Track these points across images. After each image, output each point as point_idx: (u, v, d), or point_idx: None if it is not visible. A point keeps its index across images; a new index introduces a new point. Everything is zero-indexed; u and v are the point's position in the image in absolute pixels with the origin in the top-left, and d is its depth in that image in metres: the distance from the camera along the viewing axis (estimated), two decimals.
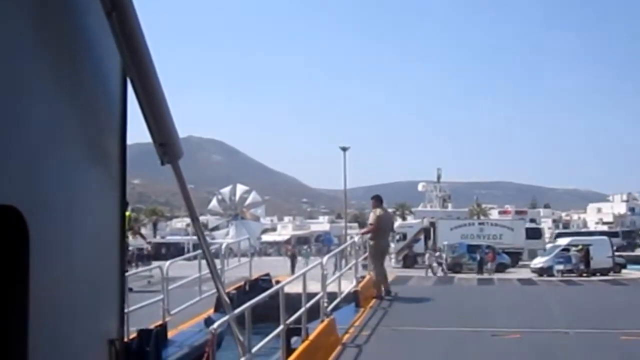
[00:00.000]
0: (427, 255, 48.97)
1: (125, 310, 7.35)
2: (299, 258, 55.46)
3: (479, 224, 67.58)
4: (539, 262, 50.13)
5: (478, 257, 50.36)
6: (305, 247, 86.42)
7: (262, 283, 18.56)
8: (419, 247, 62.41)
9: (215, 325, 6.55)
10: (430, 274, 45.10)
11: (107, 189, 4.24)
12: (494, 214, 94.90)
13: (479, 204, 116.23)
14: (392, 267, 56.33)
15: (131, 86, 4.17)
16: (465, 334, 12.21)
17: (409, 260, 60.67)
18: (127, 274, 4.59)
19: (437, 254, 49.81)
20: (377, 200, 15.99)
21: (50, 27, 3.64)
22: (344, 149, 69.83)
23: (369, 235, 15.44)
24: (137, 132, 4.59)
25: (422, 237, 63.86)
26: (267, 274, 20.20)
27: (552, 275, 44.83)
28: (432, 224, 65.48)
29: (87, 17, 4.00)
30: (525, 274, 46.29)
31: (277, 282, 19.25)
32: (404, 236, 63.49)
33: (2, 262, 3.30)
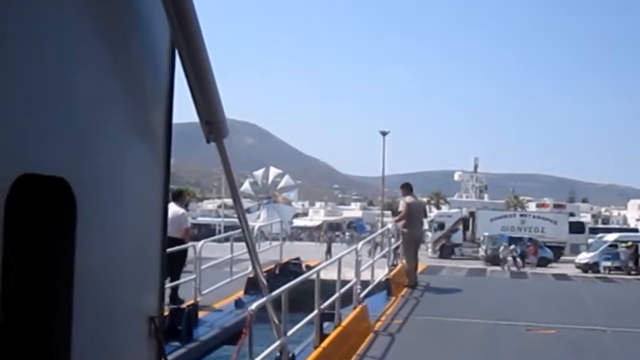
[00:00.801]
0: (501, 249, 46.90)
1: None
2: (338, 244, 54.97)
3: (521, 215, 65.75)
4: (584, 257, 48.42)
5: (519, 250, 48.50)
6: (337, 233, 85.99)
7: (292, 267, 18.63)
8: (456, 238, 61.39)
9: (254, 306, 6.55)
10: (506, 268, 42.90)
11: (152, 164, 4.23)
12: (531, 207, 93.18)
13: (516, 196, 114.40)
14: (427, 258, 55.79)
15: (180, 61, 4.14)
16: (499, 327, 12.10)
17: (446, 250, 59.53)
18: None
19: (512, 246, 47.53)
20: (407, 189, 15.84)
21: (100, 2, 3.62)
22: (384, 133, 68.39)
23: (401, 223, 15.33)
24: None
25: (460, 227, 62.53)
26: (297, 258, 20.24)
27: (598, 272, 43.11)
28: (472, 214, 63.95)
29: None
30: (567, 269, 44.54)
31: (307, 266, 19.35)
32: (442, 226, 62.36)
33: (49, 233, 3.31)
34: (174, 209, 13.52)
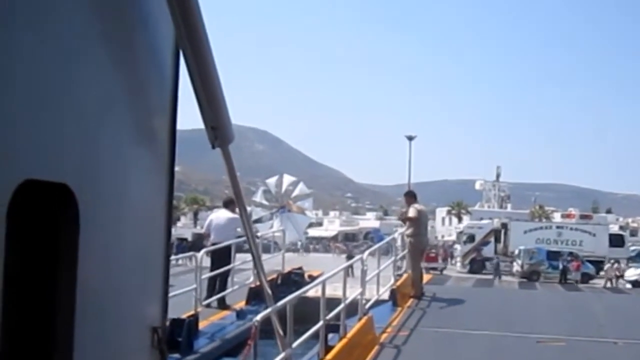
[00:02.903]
0: (607, 266, 44.80)
1: None
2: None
3: (557, 227, 62.13)
4: (633, 274, 45.86)
5: (560, 265, 46.91)
6: (355, 244, 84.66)
7: (294, 276, 18.57)
8: (488, 251, 58.49)
9: (259, 317, 6.54)
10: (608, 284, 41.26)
11: (156, 170, 4.21)
12: (557, 217, 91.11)
13: (541, 206, 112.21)
14: (456, 272, 54.74)
15: (185, 64, 4.13)
16: (508, 339, 12.07)
17: (477, 264, 56.81)
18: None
19: (616, 265, 44.99)
20: (411, 197, 15.92)
21: (105, 3, 3.61)
22: (410, 138, 66.77)
23: (409, 232, 15.32)
24: (179, 118, 4.55)
25: (492, 239, 59.85)
26: (300, 268, 20.18)
27: None
28: (504, 226, 61.17)
29: None
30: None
31: (310, 276, 19.30)
32: (472, 238, 59.85)
33: (52, 239, 3.29)
34: (227, 214, 14.02)
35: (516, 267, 52.21)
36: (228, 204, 14.68)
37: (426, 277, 18.51)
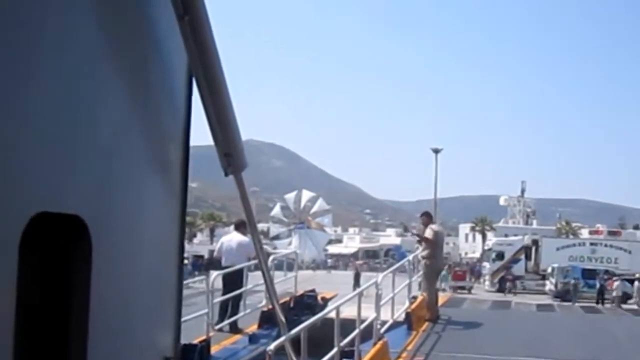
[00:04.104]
0: (637, 285, 41.64)
1: None
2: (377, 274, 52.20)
3: (591, 244, 60.15)
4: None
5: (597, 284, 44.72)
6: (377, 261, 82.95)
7: (307, 299, 18.52)
8: (518, 269, 56.62)
9: (272, 346, 6.51)
10: None
11: (169, 197, 4.25)
12: (584, 234, 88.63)
13: (568, 222, 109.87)
14: (484, 291, 53.32)
15: (199, 94, 4.16)
16: None
17: (506, 283, 54.26)
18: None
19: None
20: (428, 217, 15.92)
21: (119, 32, 3.65)
22: (436, 151, 65.14)
23: (425, 253, 15.28)
24: (197, 134, 4.58)
25: (522, 257, 57.89)
26: (313, 290, 20.11)
27: None
28: (535, 242, 59.36)
29: (156, 21, 4.01)
30: None
31: (323, 298, 19.24)
32: (501, 255, 57.76)
33: (64, 271, 3.31)
34: (238, 238, 14.09)
35: (549, 286, 50.85)
36: (239, 226, 14.71)
37: (442, 299, 18.45)
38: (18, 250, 2.76)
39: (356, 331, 10.08)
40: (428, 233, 15.29)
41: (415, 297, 15.58)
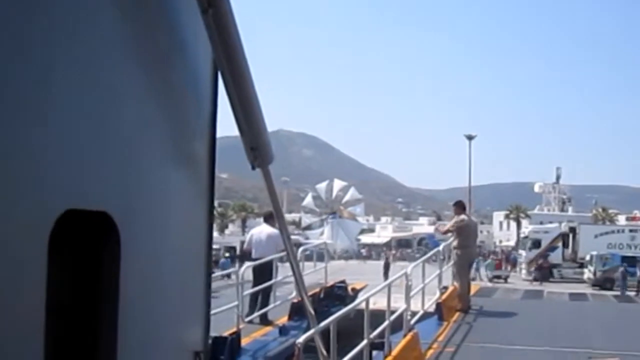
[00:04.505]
0: None
1: None
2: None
3: (630, 231, 58.63)
4: None
5: (638, 272, 43.39)
6: (408, 251, 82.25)
7: (337, 290, 18.57)
8: (555, 257, 56.20)
9: (301, 339, 6.55)
10: None
11: (196, 191, 4.26)
12: (621, 220, 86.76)
13: (604, 209, 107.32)
14: (522, 280, 52.54)
15: (224, 88, 4.17)
16: (559, 355, 11.90)
17: (543, 272, 53.73)
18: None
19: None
20: (460, 207, 15.87)
21: (143, 25, 3.66)
22: (470, 138, 63.61)
23: (456, 243, 15.22)
24: (227, 125, 4.59)
25: (559, 244, 57.29)
26: (343, 281, 20.17)
27: None
28: (572, 230, 58.23)
29: (180, 14, 4.01)
30: None
31: (353, 289, 19.28)
32: (538, 243, 57.27)
33: (93, 268, 3.34)
34: (268, 230, 14.25)
35: (587, 275, 50.01)
36: (268, 219, 14.81)
37: (474, 289, 18.37)
38: (47, 248, 2.79)
39: (386, 322, 10.10)
40: (459, 223, 15.26)
41: (446, 288, 15.56)
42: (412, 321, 11.76)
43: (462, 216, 15.47)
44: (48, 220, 2.80)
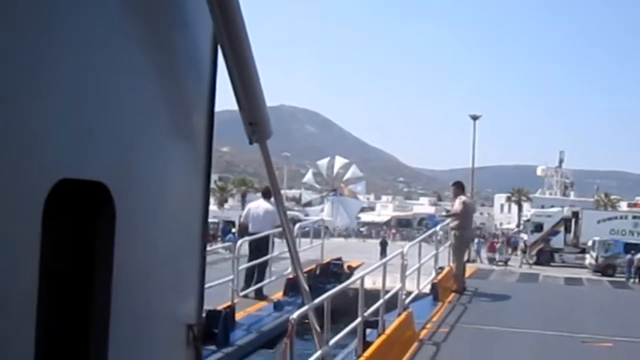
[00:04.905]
0: None
1: None
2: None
3: (634, 217, 57.86)
4: None
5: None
6: (408, 229, 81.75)
7: (333, 267, 18.65)
8: (557, 242, 55.82)
9: (295, 315, 6.58)
10: None
11: (193, 164, 4.26)
12: (623, 207, 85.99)
13: (607, 194, 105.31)
14: (523, 264, 52.33)
15: (224, 62, 4.16)
16: (552, 338, 11.95)
17: (544, 256, 54.01)
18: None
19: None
20: (459, 188, 15.86)
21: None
22: (475, 118, 62.19)
23: (454, 224, 15.24)
24: (228, 98, 4.58)
25: (562, 229, 56.69)
26: (339, 258, 20.25)
27: None
28: (575, 215, 57.67)
29: None
30: None
31: (349, 267, 19.36)
32: (540, 227, 56.64)
33: (87, 238, 3.35)
34: (265, 205, 14.31)
35: (589, 260, 49.57)
36: (266, 194, 14.85)
37: (469, 271, 18.44)
38: (41, 217, 2.79)
39: (380, 301, 10.15)
40: (456, 205, 15.26)
41: (442, 268, 15.60)
42: (407, 301, 11.81)
43: (462, 197, 15.47)
44: (42, 189, 2.80)
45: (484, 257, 53.29)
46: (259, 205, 15.02)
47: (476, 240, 52.18)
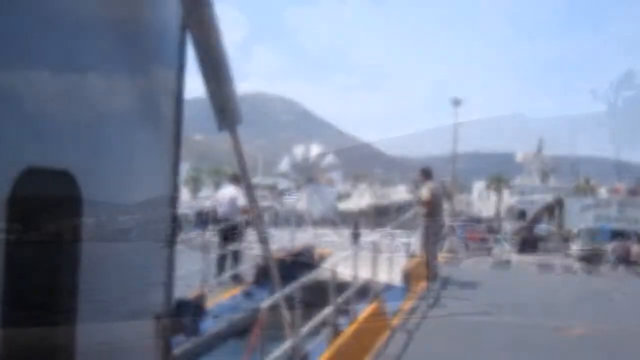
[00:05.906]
0: None
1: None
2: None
3: (619, 204, 57.42)
4: None
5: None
6: (386, 217, 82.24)
7: (304, 256, 18.63)
8: (541, 229, 54.41)
9: (265, 304, 6.58)
10: None
11: (161, 151, 4.23)
12: (602, 193, 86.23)
13: (587, 180, 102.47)
14: (505, 252, 52.74)
15: (193, 44, 4.13)
16: (524, 326, 12.06)
17: (528, 244, 51.58)
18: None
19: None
20: (425, 175, 15.80)
21: None
22: (457, 102, 62.03)
23: (423, 212, 15.30)
24: (201, 87, 4.56)
25: (545, 217, 56.22)
26: (311, 247, 20.23)
27: None
28: (559, 202, 57.23)
29: None
30: None
31: (321, 255, 19.36)
32: (523, 214, 56.80)
33: (54, 227, 3.32)
34: (232, 192, 14.32)
35: (574, 248, 47.29)
36: (234, 180, 14.84)
37: (442, 259, 18.56)
38: (6, 206, 2.77)
39: (351, 289, 10.18)
40: (423, 192, 15.32)
41: (413, 257, 15.69)
42: (378, 289, 11.86)
43: (430, 184, 15.49)
44: (8, 178, 2.78)
45: (463, 245, 52.89)
46: (226, 192, 15.03)
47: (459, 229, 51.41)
